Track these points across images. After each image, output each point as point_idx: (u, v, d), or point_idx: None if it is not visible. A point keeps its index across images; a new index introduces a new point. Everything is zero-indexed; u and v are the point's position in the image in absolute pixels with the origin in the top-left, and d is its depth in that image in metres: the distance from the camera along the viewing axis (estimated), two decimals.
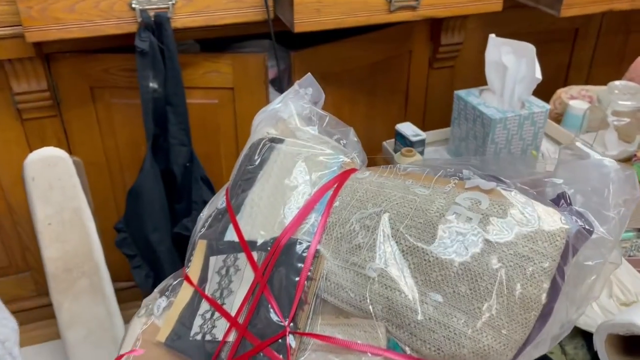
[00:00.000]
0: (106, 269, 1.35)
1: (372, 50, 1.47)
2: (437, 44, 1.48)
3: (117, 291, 1.45)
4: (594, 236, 0.45)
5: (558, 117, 1.20)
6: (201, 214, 0.58)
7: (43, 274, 1.37)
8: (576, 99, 1.18)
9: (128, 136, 1.47)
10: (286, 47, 1.39)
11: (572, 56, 1.68)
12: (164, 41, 1.22)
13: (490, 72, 1.02)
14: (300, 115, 0.59)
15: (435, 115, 1.56)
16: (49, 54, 1.31)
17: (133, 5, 1.15)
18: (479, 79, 1.13)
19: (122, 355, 0.53)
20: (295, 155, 0.55)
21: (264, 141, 0.57)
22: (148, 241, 1.38)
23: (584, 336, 0.76)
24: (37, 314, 1.60)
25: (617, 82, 1.08)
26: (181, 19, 1.20)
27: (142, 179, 1.35)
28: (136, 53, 1.23)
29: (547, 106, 1.00)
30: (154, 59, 1.24)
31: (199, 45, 1.47)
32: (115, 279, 1.43)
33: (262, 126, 0.57)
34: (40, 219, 1.26)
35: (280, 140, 0.57)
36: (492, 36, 0.98)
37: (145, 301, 0.57)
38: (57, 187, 1.28)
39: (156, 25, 1.19)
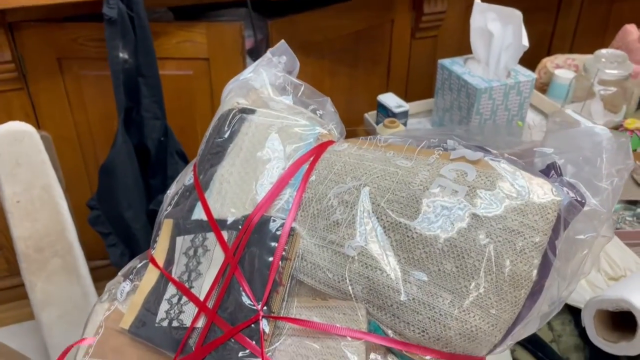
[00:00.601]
0: (80, 248, 1.30)
1: (352, 19, 1.41)
2: (419, 13, 1.43)
3: (93, 270, 1.40)
4: (586, 208, 0.42)
5: (543, 87, 1.17)
6: (168, 192, 0.54)
7: (15, 253, 1.32)
8: (562, 68, 1.14)
9: (99, 110, 1.41)
10: (263, 16, 1.33)
11: (556, 25, 1.64)
12: (133, 8, 1.15)
13: (475, 39, 0.98)
14: (273, 84, 0.55)
15: (418, 86, 1.52)
16: (12, 23, 1.24)
17: None
18: (462, 50, 1.09)
19: (71, 346, 0.49)
20: (267, 126, 0.50)
21: (233, 112, 0.52)
22: (122, 219, 1.33)
23: (571, 312, 0.74)
24: (11, 295, 1.55)
25: (603, 51, 1.04)
26: None
27: (115, 154, 1.30)
28: (104, 21, 1.16)
29: (534, 75, 0.96)
30: (123, 27, 1.17)
31: (172, 14, 1.40)
32: (90, 257, 1.38)
33: (232, 96, 0.53)
34: (8, 196, 1.20)
35: (252, 111, 0.52)
36: (477, 1, 0.94)
37: (108, 285, 0.53)
38: (24, 164, 1.21)
39: None
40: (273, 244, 0.43)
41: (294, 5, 1.27)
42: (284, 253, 0.43)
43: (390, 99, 1.07)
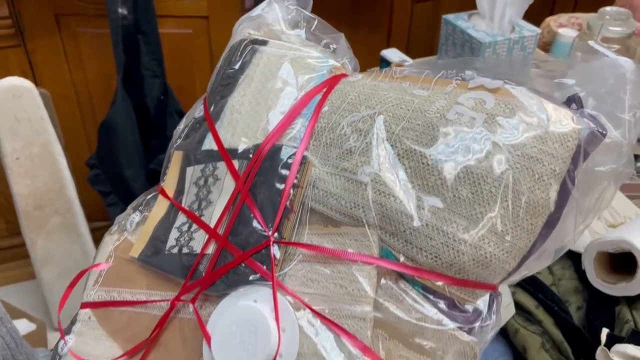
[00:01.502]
0: (80, 207, 1.29)
1: None
2: None
3: (92, 231, 1.39)
4: (606, 140, 0.41)
5: (546, 47, 1.15)
6: (177, 127, 0.53)
7: (14, 212, 1.31)
8: (565, 26, 1.13)
9: (98, 68, 1.38)
10: None
11: None
12: None
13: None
14: (285, 19, 0.53)
15: (419, 51, 1.50)
16: None
17: None
18: (465, 10, 1.07)
19: (85, 270, 0.49)
20: (280, 57, 0.48)
21: (245, 43, 0.50)
22: (122, 178, 1.31)
23: (571, 258, 0.74)
24: (10, 254, 1.54)
25: (607, 8, 1.02)
26: None
27: (114, 112, 1.27)
28: None
29: (538, 30, 0.94)
30: None
31: None
32: (89, 218, 1.37)
33: (243, 27, 0.51)
34: (7, 153, 1.18)
35: (264, 42, 0.49)
36: None
37: (117, 218, 0.51)
38: (24, 120, 1.19)
39: None
40: (284, 171, 0.42)
41: None
42: (295, 181, 0.42)
43: (393, 54, 1.05)
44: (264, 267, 0.40)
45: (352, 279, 0.38)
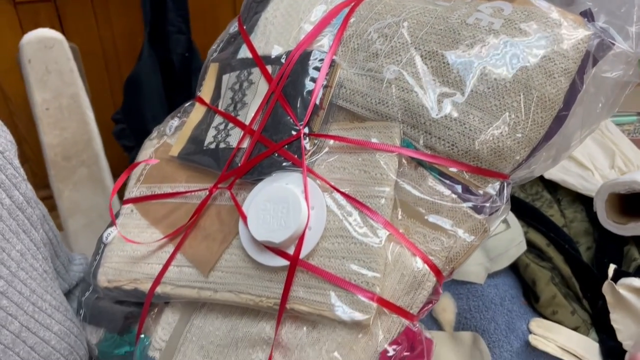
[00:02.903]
0: (105, 160, 1.33)
1: None
2: None
3: None
4: (615, 50, 0.44)
5: None
6: (211, 47, 0.57)
7: (41, 165, 1.36)
8: None
9: (125, 26, 1.42)
10: None
11: None
12: None
13: None
14: None
15: None
16: None
17: None
18: None
19: (137, 163, 0.53)
20: None
21: None
22: (147, 131, 1.36)
23: (583, 202, 0.77)
24: None
25: None
26: None
27: (140, 68, 1.32)
28: None
29: None
30: None
31: None
32: (113, 174, 1.42)
33: None
34: (37, 103, 1.23)
35: None
36: None
37: (156, 128, 0.56)
38: (54, 71, 1.24)
39: None
40: (314, 73, 0.46)
41: None
42: (324, 82, 0.46)
43: None
44: (295, 156, 0.44)
45: (375, 165, 0.42)
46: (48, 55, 1.23)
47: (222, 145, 0.47)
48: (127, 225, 0.51)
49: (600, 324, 0.64)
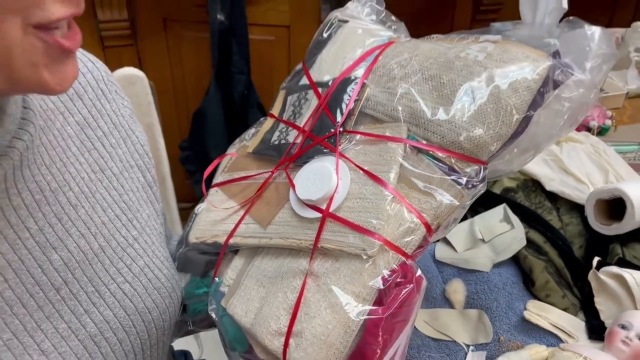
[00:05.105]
0: (171, 181, 1.61)
1: (415, 1, 1.67)
2: None
3: (178, 210, 1.71)
4: (574, 77, 0.60)
5: None
6: (284, 80, 0.82)
7: None
8: None
9: (194, 66, 1.73)
10: None
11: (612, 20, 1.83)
12: None
13: (523, 6, 1.22)
14: (362, 11, 0.80)
15: None
16: None
17: None
18: None
19: (224, 155, 0.78)
20: (356, 29, 0.74)
21: (333, 20, 0.76)
22: (209, 158, 1.63)
23: (577, 209, 0.96)
24: None
25: (639, 22, 1.26)
26: None
27: (207, 102, 1.61)
28: None
29: None
30: None
31: None
32: (176, 195, 1.69)
33: (333, 13, 0.80)
34: None
35: (346, 20, 0.75)
36: None
37: (241, 136, 0.80)
38: (134, 104, 1.53)
39: None
40: (350, 91, 0.69)
41: None
42: (356, 97, 0.68)
43: None
44: (332, 145, 0.66)
45: (388, 151, 0.63)
46: (131, 90, 1.54)
47: (282, 141, 0.70)
48: (213, 201, 0.73)
49: (587, 307, 0.81)
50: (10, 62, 0.40)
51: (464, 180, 0.59)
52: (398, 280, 0.57)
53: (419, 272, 0.58)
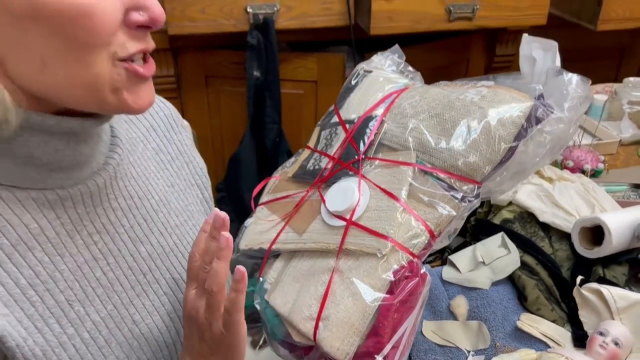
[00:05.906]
0: None
1: (433, 57, 1.87)
2: (492, 54, 1.87)
3: None
4: (554, 115, 0.72)
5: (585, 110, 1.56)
6: (321, 118, 1.00)
7: None
8: (600, 93, 1.54)
9: (230, 118, 1.93)
10: (361, 50, 1.83)
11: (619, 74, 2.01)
12: (268, 39, 1.70)
13: (523, 65, 1.40)
14: (384, 63, 1.01)
15: None
16: (176, 48, 1.81)
17: (248, 10, 1.62)
18: None
19: (269, 178, 0.96)
20: (378, 77, 0.90)
21: (358, 70, 0.93)
22: (242, 199, 1.81)
23: (567, 237, 1.11)
24: None
25: (631, 78, 1.44)
26: (283, 22, 1.67)
27: (242, 148, 1.80)
28: (247, 47, 1.70)
29: None
30: (259, 52, 1.69)
31: (290, 48, 1.95)
32: None
33: (358, 64, 1.00)
34: None
35: (370, 71, 0.91)
36: (525, 35, 1.38)
37: (282, 165, 0.98)
38: None
39: (263, 26, 1.67)
40: (371, 127, 0.87)
41: (385, 45, 1.80)
42: (376, 131, 0.87)
43: None
44: (355, 169, 0.84)
45: (400, 172, 0.79)
46: None
47: (316, 167, 0.88)
48: (259, 216, 0.91)
49: (572, 319, 0.95)
50: (100, 87, 0.50)
51: (460, 195, 0.76)
52: (406, 274, 0.71)
53: (423, 269, 0.74)
